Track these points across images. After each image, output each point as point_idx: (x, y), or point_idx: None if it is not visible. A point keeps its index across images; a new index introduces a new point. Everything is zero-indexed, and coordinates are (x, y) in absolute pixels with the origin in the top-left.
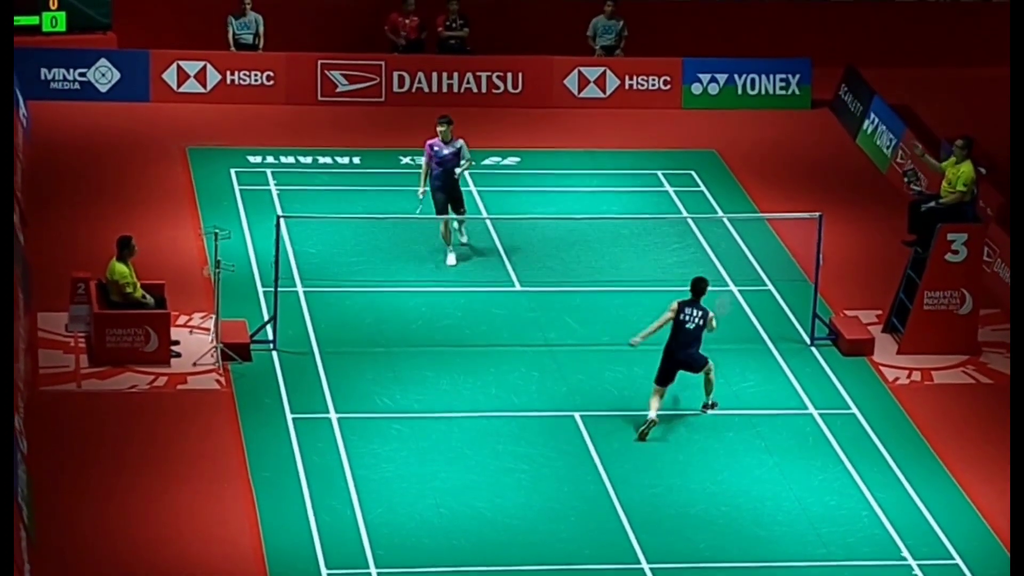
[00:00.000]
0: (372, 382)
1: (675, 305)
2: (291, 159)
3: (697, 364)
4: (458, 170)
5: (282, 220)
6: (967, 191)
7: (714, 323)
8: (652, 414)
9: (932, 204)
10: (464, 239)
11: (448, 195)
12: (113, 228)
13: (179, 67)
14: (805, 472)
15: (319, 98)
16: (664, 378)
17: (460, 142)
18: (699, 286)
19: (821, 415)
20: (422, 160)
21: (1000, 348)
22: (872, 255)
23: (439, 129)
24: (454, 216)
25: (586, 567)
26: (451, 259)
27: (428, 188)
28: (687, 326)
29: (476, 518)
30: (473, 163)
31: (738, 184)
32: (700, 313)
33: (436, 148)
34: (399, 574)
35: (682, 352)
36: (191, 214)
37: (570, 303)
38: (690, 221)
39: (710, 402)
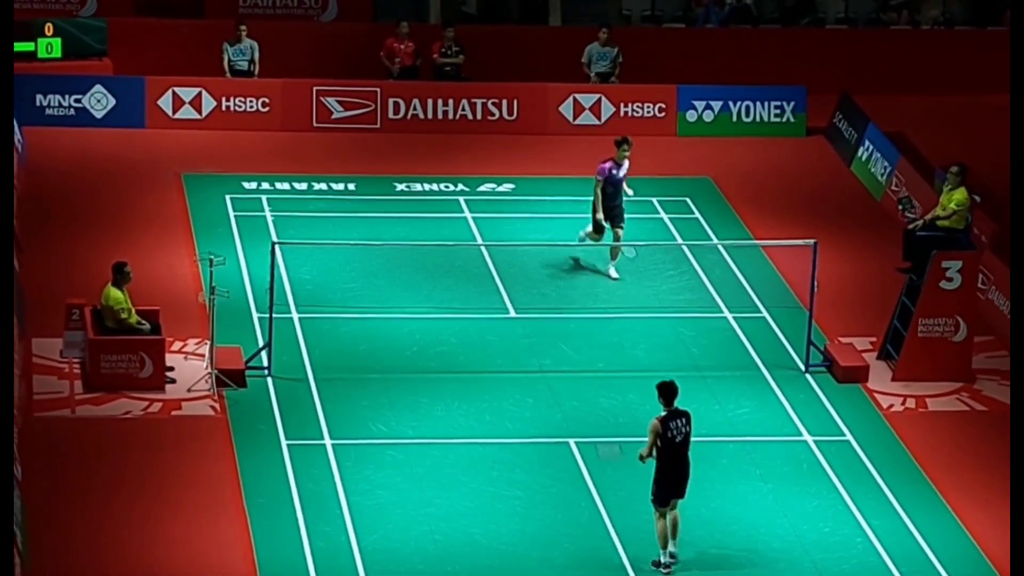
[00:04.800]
0: (367, 408)
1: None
2: (286, 185)
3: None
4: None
5: (277, 246)
6: (960, 210)
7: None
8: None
9: (926, 233)
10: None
11: (607, 213)
12: (108, 254)
13: (174, 93)
14: (799, 499)
15: (314, 124)
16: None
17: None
18: (665, 391)
19: (816, 442)
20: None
21: (995, 375)
22: (866, 282)
23: (621, 152)
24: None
25: None
26: (612, 272)
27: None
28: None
29: (471, 544)
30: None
31: (733, 211)
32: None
33: (612, 171)
34: None
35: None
36: (186, 240)
37: (565, 330)
38: (685, 248)
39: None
